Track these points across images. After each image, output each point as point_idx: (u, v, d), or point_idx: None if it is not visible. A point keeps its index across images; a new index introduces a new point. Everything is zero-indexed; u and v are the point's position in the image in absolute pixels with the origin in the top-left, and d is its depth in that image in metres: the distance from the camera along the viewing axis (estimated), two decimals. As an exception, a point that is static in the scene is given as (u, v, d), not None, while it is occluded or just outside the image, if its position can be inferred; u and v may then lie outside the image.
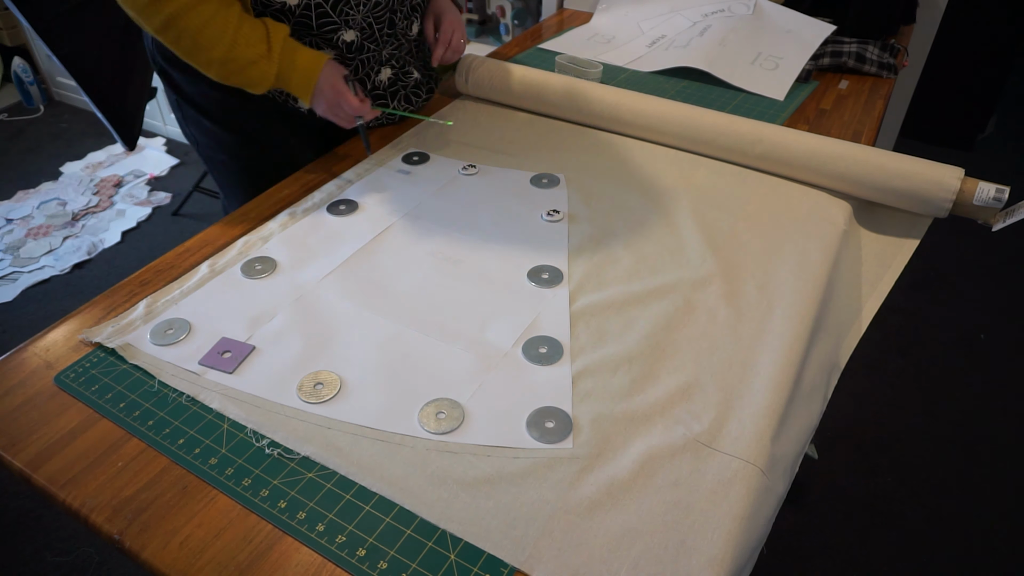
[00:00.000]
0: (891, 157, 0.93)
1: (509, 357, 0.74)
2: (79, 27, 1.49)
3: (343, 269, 0.86)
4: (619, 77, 1.36)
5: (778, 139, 1.00)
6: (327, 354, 0.74)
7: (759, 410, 0.67)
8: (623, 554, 0.56)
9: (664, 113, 1.08)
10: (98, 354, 0.74)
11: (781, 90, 1.28)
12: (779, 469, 0.64)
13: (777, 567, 1.40)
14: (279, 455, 0.64)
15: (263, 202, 0.99)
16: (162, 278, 0.85)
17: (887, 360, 1.88)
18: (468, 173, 1.05)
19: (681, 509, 0.59)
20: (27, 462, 0.64)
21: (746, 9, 1.48)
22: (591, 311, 0.79)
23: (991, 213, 0.90)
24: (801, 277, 0.83)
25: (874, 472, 1.59)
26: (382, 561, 0.56)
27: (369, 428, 0.66)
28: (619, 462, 0.63)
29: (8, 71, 3.17)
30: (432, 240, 0.91)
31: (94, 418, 0.68)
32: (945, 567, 1.41)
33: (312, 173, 1.06)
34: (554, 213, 0.95)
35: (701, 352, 0.74)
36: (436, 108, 1.24)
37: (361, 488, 0.61)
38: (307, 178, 1.05)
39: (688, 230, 0.92)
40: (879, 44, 1.38)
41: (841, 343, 0.81)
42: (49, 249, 2.32)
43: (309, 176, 1.05)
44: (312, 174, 1.06)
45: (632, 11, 1.61)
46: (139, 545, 0.57)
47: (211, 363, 0.73)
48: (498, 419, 0.67)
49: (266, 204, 0.99)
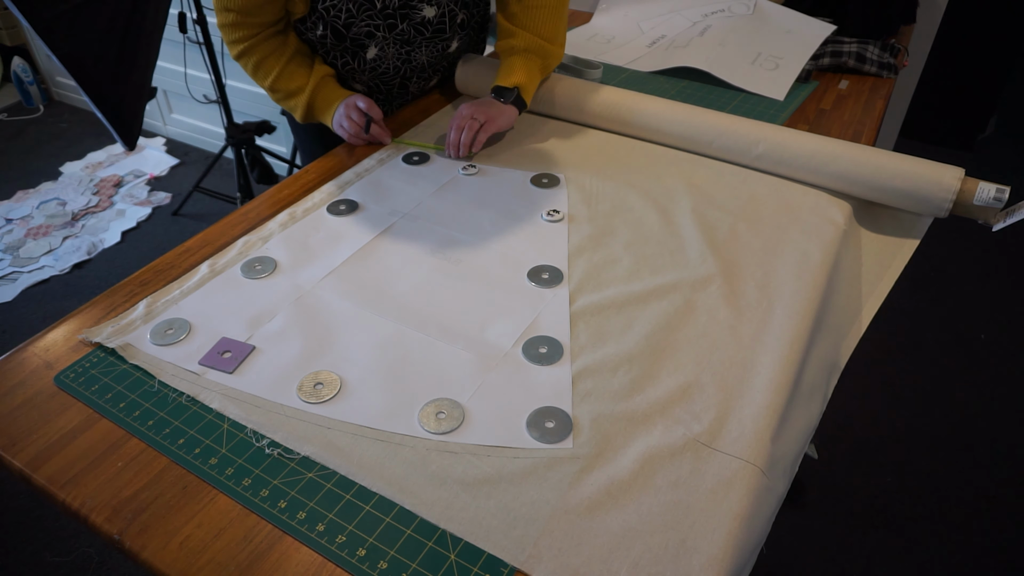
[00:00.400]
0: (891, 157, 0.93)
1: (509, 357, 0.74)
2: (79, 27, 1.49)
3: (343, 269, 0.86)
4: (619, 77, 1.36)
5: (778, 139, 1.00)
6: (327, 354, 0.74)
7: (759, 410, 0.67)
8: (623, 554, 0.56)
9: (664, 113, 1.08)
10: (98, 354, 0.74)
11: (781, 90, 1.28)
12: (779, 469, 0.64)
13: (777, 567, 1.40)
14: (279, 455, 0.64)
15: (263, 202, 0.99)
16: (162, 278, 0.85)
17: (887, 360, 1.88)
18: (469, 173, 1.05)
19: (681, 509, 0.59)
20: (27, 462, 0.64)
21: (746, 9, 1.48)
22: (591, 311, 0.79)
23: (991, 213, 0.90)
24: (801, 277, 0.83)
25: (874, 472, 1.59)
26: (382, 561, 0.56)
27: (369, 428, 0.66)
28: (619, 462, 0.63)
29: (8, 71, 3.17)
30: (432, 240, 0.91)
31: (94, 418, 0.68)
32: (945, 567, 1.41)
33: (312, 173, 1.06)
34: (554, 213, 0.95)
35: (701, 352, 0.74)
36: (436, 108, 1.24)
37: (361, 488, 0.61)
38: (307, 178, 1.05)
39: (688, 230, 0.92)
40: (879, 44, 1.38)
41: (841, 343, 0.81)
42: (49, 249, 2.32)
43: (309, 176, 1.05)
44: (312, 174, 1.06)
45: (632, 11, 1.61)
46: (139, 545, 0.57)
47: (211, 363, 0.73)
48: (498, 419, 0.67)
49: (266, 204, 0.99)
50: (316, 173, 1.06)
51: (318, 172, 1.06)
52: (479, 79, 1.21)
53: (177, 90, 2.69)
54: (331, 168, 1.07)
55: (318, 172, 1.06)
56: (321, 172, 1.06)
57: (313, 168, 1.07)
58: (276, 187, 1.03)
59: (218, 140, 2.80)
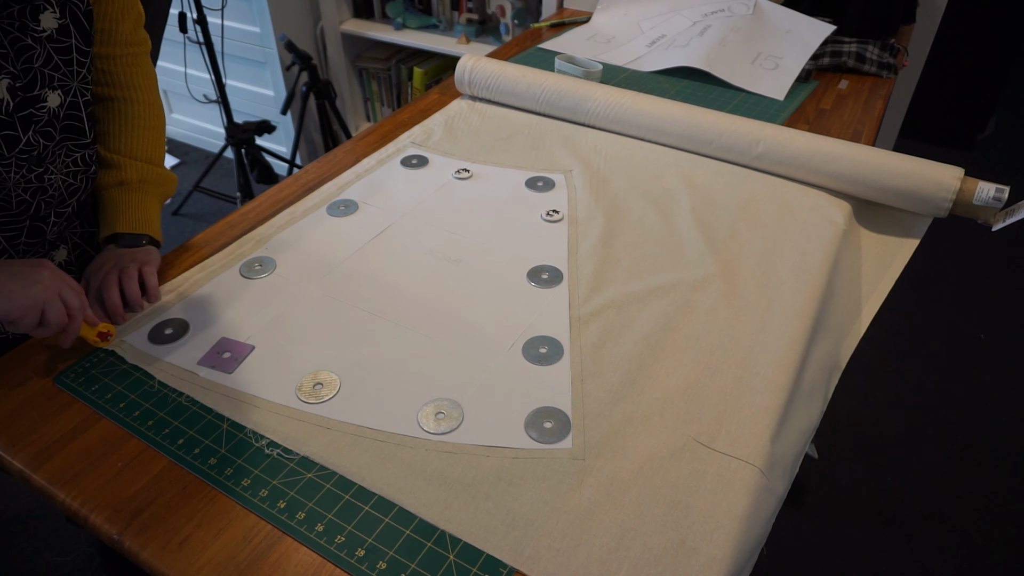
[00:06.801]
0: (891, 157, 0.93)
1: (509, 357, 0.74)
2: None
3: (343, 269, 0.86)
4: (619, 77, 1.36)
5: (778, 139, 1.00)
6: (327, 354, 0.74)
7: (759, 410, 0.67)
8: (622, 554, 0.56)
9: (664, 113, 1.08)
10: (98, 354, 0.74)
11: (781, 90, 1.28)
12: (779, 469, 0.64)
13: (777, 567, 1.40)
14: (278, 455, 0.64)
15: (263, 202, 0.99)
16: (162, 278, 0.85)
17: (887, 360, 1.87)
18: (461, 177, 1.04)
19: (681, 509, 0.59)
20: (27, 462, 0.64)
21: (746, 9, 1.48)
22: (591, 311, 0.79)
23: (991, 213, 0.90)
24: (801, 277, 0.83)
25: (874, 472, 1.59)
26: (381, 561, 0.56)
27: (368, 428, 0.66)
28: (619, 462, 0.63)
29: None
30: (432, 240, 0.91)
31: (94, 418, 0.68)
32: (945, 567, 1.41)
33: (312, 173, 1.06)
34: (554, 213, 0.95)
35: (701, 352, 0.74)
36: (436, 109, 1.24)
37: (360, 488, 0.61)
38: (307, 178, 1.05)
39: (688, 230, 0.92)
40: (879, 44, 1.38)
41: (841, 343, 0.81)
42: (49, 249, 2.32)
43: (309, 176, 1.05)
44: (312, 174, 1.06)
45: (632, 11, 1.61)
46: (139, 545, 0.57)
47: (210, 363, 0.73)
48: (497, 419, 0.67)
49: (266, 204, 0.99)
50: (316, 173, 1.06)
51: (318, 172, 1.06)
52: (479, 79, 1.20)
53: (177, 90, 2.70)
54: (331, 168, 1.07)
55: (318, 172, 1.06)
56: (321, 172, 1.06)
57: (313, 168, 1.07)
58: (276, 187, 1.03)
59: (218, 140, 2.80)
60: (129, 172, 0.87)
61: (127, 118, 0.88)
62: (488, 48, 2.19)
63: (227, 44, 2.41)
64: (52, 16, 0.74)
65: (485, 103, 1.24)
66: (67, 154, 0.81)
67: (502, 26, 2.21)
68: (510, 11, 2.16)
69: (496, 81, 1.19)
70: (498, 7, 2.19)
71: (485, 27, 2.26)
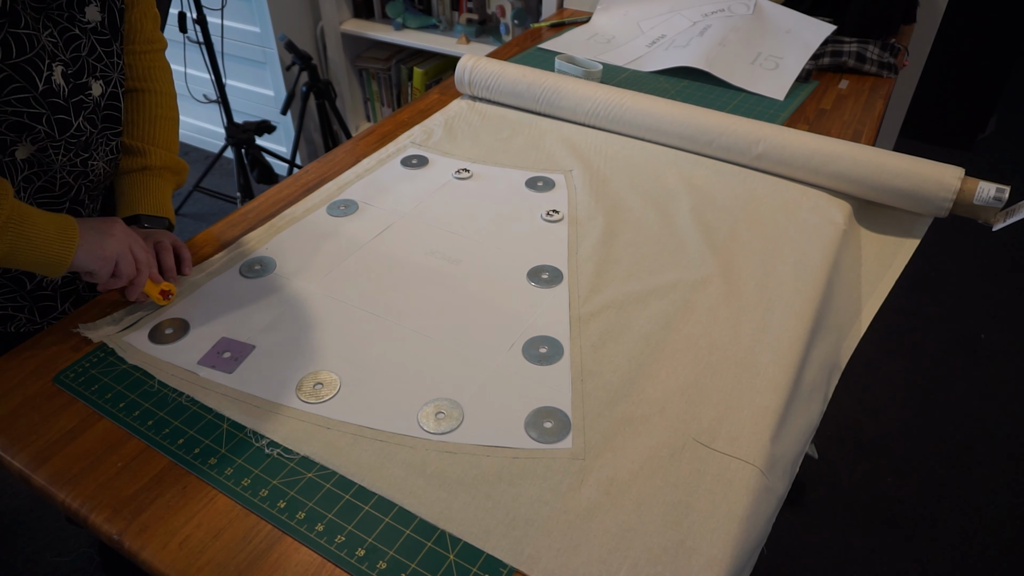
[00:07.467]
0: (891, 157, 0.93)
1: (509, 357, 0.74)
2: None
3: (343, 269, 0.86)
4: (619, 77, 1.36)
5: (778, 139, 1.00)
6: (327, 354, 0.74)
7: (759, 410, 0.67)
8: (622, 554, 0.56)
9: (664, 113, 1.08)
10: (97, 354, 0.74)
11: (781, 90, 1.28)
12: (779, 469, 0.64)
13: (777, 567, 1.40)
14: (278, 455, 0.64)
15: (263, 202, 0.99)
16: (162, 278, 0.85)
17: (887, 360, 1.87)
18: (462, 177, 1.04)
19: (681, 509, 0.59)
20: (27, 462, 0.64)
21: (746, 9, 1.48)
22: (591, 311, 0.79)
23: (991, 213, 0.90)
24: (801, 277, 0.83)
25: (874, 472, 1.59)
26: (381, 561, 0.56)
27: (368, 428, 0.66)
28: (619, 462, 0.63)
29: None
30: (432, 240, 0.91)
31: (94, 418, 0.68)
32: (945, 567, 1.41)
33: (312, 173, 1.06)
34: (554, 213, 0.95)
35: (701, 352, 0.74)
36: (436, 109, 1.24)
37: (360, 488, 0.61)
38: (307, 178, 1.05)
39: (688, 230, 0.92)
40: (879, 44, 1.38)
41: (841, 343, 0.81)
42: (49, 249, 2.32)
43: (309, 176, 1.05)
44: (312, 174, 1.06)
45: (632, 11, 1.61)
46: (139, 545, 0.57)
47: (211, 363, 0.73)
48: (498, 419, 0.67)
49: (266, 204, 0.99)
50: (316, 173, 1.06)
51: (318, 172, 1.06)
52: (479, 79, 1.20)
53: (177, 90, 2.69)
54: (331, 168, 1.07)
55: (318, 172, 1.06)
56: (321, 172, 1.06)
57: (313, 168, 1.07)
58: (276, 187, 1.03)
59: (218, 140, 2.79)
60: (152, 158, 0.91)
61: (149, 108, 0.93)
62: (488, 48, 2.19)
63: (227, 44, 2.41)
64: (95, 9, 0.78)
65: (485, 103, 1.24)
66: (107, 141, 0.86)
67: (502, 26, 2.21)
68: (510, 11, 2.16)
69: (496, 81, 1.19)
70: (498, 7, 2.19)
71: (485, 27, 2.26)
